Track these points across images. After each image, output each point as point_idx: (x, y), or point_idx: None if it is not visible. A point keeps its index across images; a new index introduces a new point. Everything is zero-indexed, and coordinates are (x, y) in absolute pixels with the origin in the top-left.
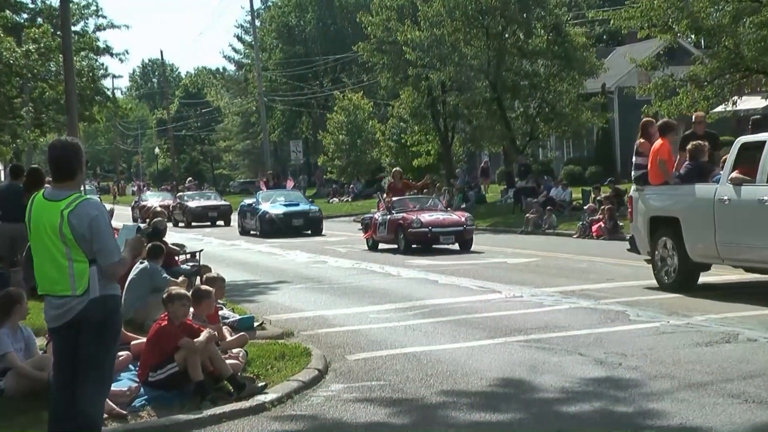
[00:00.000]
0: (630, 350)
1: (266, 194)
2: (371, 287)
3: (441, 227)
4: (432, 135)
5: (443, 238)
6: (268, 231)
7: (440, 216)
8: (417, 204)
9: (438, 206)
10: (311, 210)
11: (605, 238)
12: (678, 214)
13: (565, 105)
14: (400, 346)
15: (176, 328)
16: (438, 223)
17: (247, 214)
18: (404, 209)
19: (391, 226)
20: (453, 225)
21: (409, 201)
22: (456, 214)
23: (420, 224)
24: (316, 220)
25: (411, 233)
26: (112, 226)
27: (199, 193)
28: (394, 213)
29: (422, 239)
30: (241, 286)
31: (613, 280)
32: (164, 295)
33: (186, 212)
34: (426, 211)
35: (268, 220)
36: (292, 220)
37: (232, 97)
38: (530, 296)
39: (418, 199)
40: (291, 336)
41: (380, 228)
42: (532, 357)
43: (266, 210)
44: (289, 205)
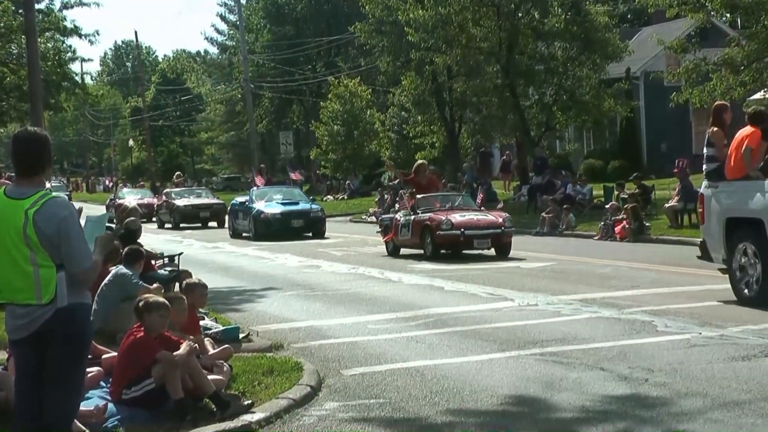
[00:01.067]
0: (657, 365)
1: (261, 191)
2: (370, 294)
3: (475, 229)
4: (437, 126)
5: (478, 242)
6: (263, 233)
7: (474, 216)
8: (446, 202)
9: (470, 205)
10: (312, 209)
11: (630, 240)
12: (762, 214)
13: (585, 92)
14: (401, 360)
15: (153, 340)
16: (472, 224)
17: (239, 213)
18: (431, 208)
19: (416, 228)
20: (489, 227)
21: (436, 199)
22: (492, 214)
23: (450, 226)
24: (318, 221)
25: (440, 236)
26: (82, 227)
27: (189, 190)
28: (419, 213)
29: (453, 243)
30: (225, 294)
31: (639, 287)
32: (140, 304)
33: (174, 212)
34: (457, 211)
35: (263, 220)
36: (290, 221)
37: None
38: (546, 305)
39: (447, 196)
40: (280, 349)
41: (402, 230)
42: (549, 372)
43: (261, 209)
44: (287, 204)
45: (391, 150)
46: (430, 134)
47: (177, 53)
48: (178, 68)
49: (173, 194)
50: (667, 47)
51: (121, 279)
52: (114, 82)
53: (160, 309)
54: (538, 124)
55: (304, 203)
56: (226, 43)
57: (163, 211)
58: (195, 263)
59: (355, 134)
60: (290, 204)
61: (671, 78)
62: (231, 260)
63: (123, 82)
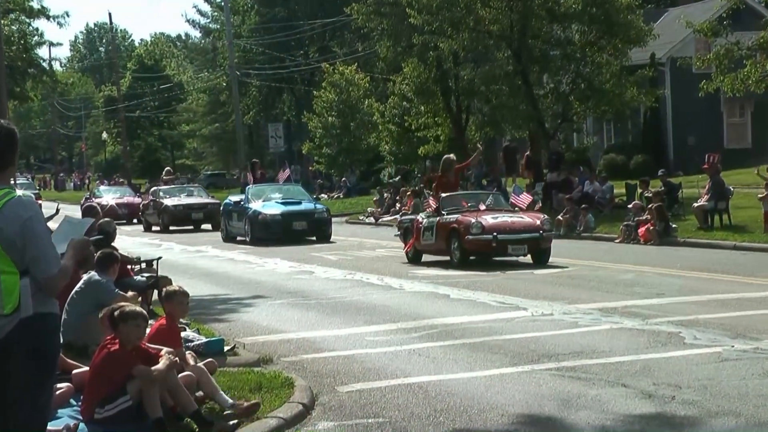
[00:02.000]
0: (685, 381)
1: (258, 189)
2: (368, 303)
3: (510, 233)
4: (442, 117)
5: (513, 248)
6: (261, 237)
7: (508, 218)
8: (474, 201)
9: (502, 205)
10: (316, 210)
11: (654, 244)
12: None
13: (605, 80)
14: (402, 375)
15: (129, 354)
16: (506, 227)
17: (232, 215)
18: (458, 209)
19: (442, 232)
20: (526, 230)
21: (463, 198)
22: (528, 215)
23: (481, 229)
24: (323, 223)
25: (469, 241)
26: (49, 229)
27: (179, 188)
28: (445, 214)
29: (484, 249)
30: (209, 302)
31: (665, 295)
32: (114, 313)
33: (162, 213)
34: (488, 212)
35: (261, 222)
36: (292, 223)
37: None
38: (562, 314)
39: (476, 195)
40: (269, 363)
41: (426, 234)
42: (565, 389)
43: (258, 210)
44: (287, 204)
45: (391, 143)
46: (434, 126)
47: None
48: (156, 54)
49: (161, 193)
50: (696, 30)
51: (93, 286)
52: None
53: (136, 319)
54: (554, 115)
55: (307, 203)
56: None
57: (150, 211)
58: (175, 268)
59: (352, 126)
60: (291, 204)
61: (700, 64)
62: (215, 265)
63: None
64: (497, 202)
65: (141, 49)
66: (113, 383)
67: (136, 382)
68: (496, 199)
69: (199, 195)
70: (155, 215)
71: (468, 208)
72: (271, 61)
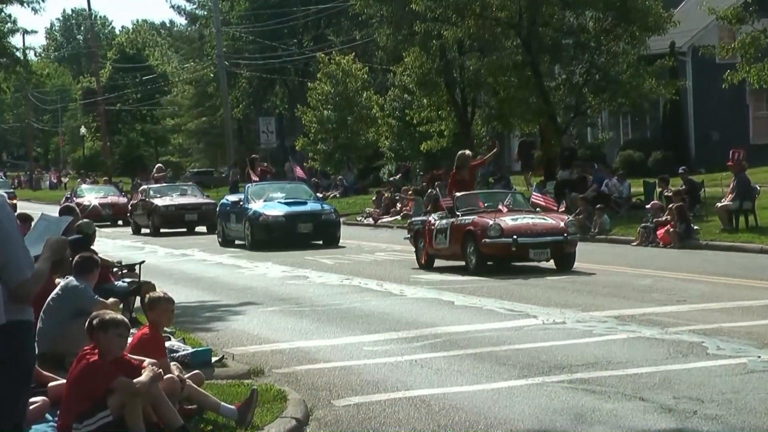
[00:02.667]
0: (708, 394)
1: (258, 188)
2: (366, 310)
3: (531, 236)
4: (446, 110)
5: (534, 253)
6: (262, 240)
7: (529, 219)
8: (492, 201)
9: (522, 205)
10: (323, 210)
11: (675, 246)
12: None
13: (621, 70)
14: (403, 388)
15: (109, 365)
16: (527, 229)
17: (230, 216)
18: (474, 209)
19: (456, 235)
20: (548, 233)
21: (479, 197)
22: (551, 216)
23: (500, 231)
24: (331, 225)
25: (486, 245)
26: (19, 232)
27: (171, 187)
28: (460, 216)
29: (503, 253)
30: (195, 309)
31: (686, 302)
32: (93, 322)
33: (152, 213)
34: (507, 213)
35: (262, 225)
36: (296, 225)
37: (183, 60)
38: (575, 322)
39: (493, 194)
40: (260, 375)
41: (438, 237)
42: (579, 403)
43: (259, 211)
44: (291, 204)
45: (392, 139)
46: (437, 120)
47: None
48: (138, 42)
49: (152, 191)
50: (719, 17)
51: (71, 292)
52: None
53: (118, 327)
54: (566, 108)
55: (313, 203)
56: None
57: (140, 212)
58: (159, 273)
59: (349, 121)
60: (295, 204)
61: (724, 54)
62: (202, 270)
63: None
64: (516, 202)
65: (122, 38)
66: (92, 397)
67: (117, 395)
68: (515, 198)
69: (193, 194)
70: (144, 216)
71: (485, 208)
72: (262, 50)
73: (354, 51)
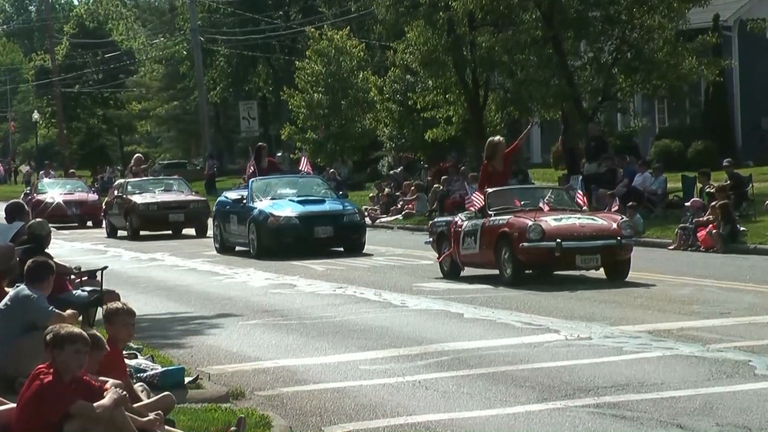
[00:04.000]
0: (756, 421)
1: (264, 183)
2: (362, 324)
3: (579, 239)
4: (454, 94)
5: (582, 259)
6: (270, 247)
7: (575, 220)
8: (530, 198)
9: (566, 204)
10: (345, 211)
11: (718, 251)
12: None
13: (657, 48)
14: (405, 413)
15: (66, 387)
16: (573, 231)
17: (230, 217)
18: (508, 208)
19: (488, 238)
20: (598, 236)
21: (513, 194)
22: (601, 216)
23: (541, 234)
24: (355, 228)
25: (525, 250)
26: None
27: (154, 181)
28: (492, 215)
29: (544, 260)
30: (165, 322)
31: (730, 315)
32: (47, 337)
33: (131, 213)
34: (549, 213)
35: (271, 228)
36: (313, 229)
37: (151, 35)
38: (603, 338)
39: (531, 190)
40: (241, 398)
41: (466, 241)
42: (607, 430)
43: (267, 211)
44: (306, 203)
45: (392, 127)
46: (444, 105)
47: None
48: (100, 14)
49: (129, 186)
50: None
51: (22, 303)
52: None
53: (75, 343)
54: (593, 91)
55: (333, 201)
56: None
57: (115, 211)
58: (124, 281)
59: (343, 105)
60: (311, 203)
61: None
62: (174, 277)
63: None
64: (559, 199)
65: (81, 9)
66: (47, 423)
67: (75, 421)
68: (557, 195)
69: (180, 190)
70: (121, 216)
71: (521, 207)
72: (242, 23)
73: (349, 25)
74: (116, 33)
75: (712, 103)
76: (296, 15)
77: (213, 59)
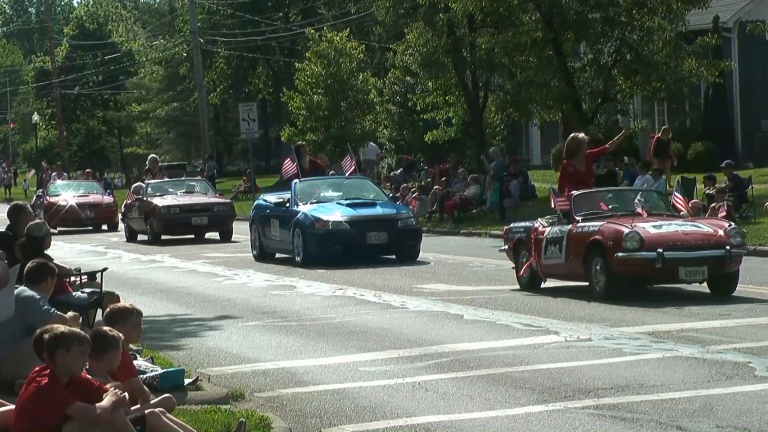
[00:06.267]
0: (756, 423)
1: (308, 185)
2: (362, 325)
3: (682, 249)
4: (454, 95)
5: (687, 271)
6: (319, 254)
7: (677, 227)
8: (618, 202)
9: (662, 208)
10: (400, 215)
11: None
12: None
13: (656, 49)
14: (405, 415)
15: (63, 389)
16: (676, 240)
17: (271, 222)
18: (597, 213)
19: (576, 247)
20: (704, 245)
21: (599, 197)
22: (705, 223)
23: (639, 243)
24: (410, 235)
25: (621, 260)
26: None
27: (174, 182)
28: (580, 221)
29: (643, 272)
30: (165, 324)
31: (730, 316)
32: (46, 337)
33: (151, 216)
34: (647, 218)
35: (319, 234)
36: (365, 235)
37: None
38: (603, 339)
39: (620, 193)
40: (240, 399)
41: (550, 249)
42: (606, 431)
43: (313, 215)
44: (356, 206)
45: (392, 128)
46: (444, 107)
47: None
48: (100, 16)
49: (150, 188)
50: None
51: (24, 305)
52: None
53: (77, 344)
54: (593, 93)
55: (384, 205)
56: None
57: (134, 214)
58: (124, 283)
59: (343, 107)
60: (361, 206)
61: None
62: (173, 279)
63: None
64: (654, 204)
65: (81, 10)
66: (44, 426)
67: (73, 424)
68: (650, 198)
69: (203, 192)
70: (141, 220)
71: (609, 211)
72: (242, 25)
73: (348, 26)
74: (116, 35)
75: (712, 105)
76: (296, 17)
77: (213, 61)
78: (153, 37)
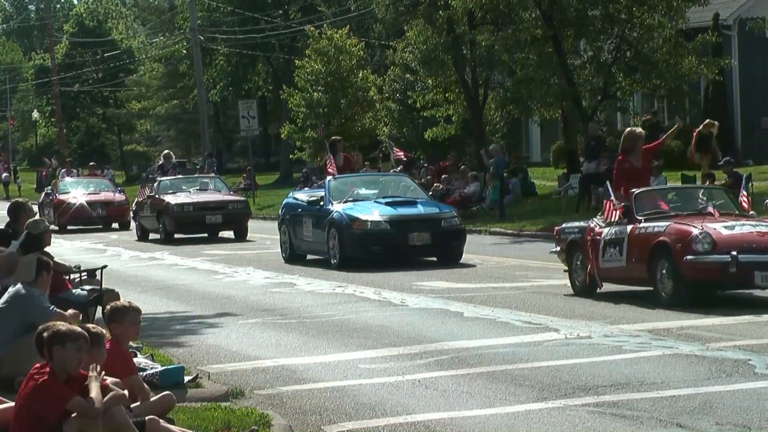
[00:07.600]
0: (756, 420)
1: (343, 182)
2: (362, 323)
3: (758, 252)
4: (454, 93)
5: (763, 277)
6: (357, 256)
7: (751, 227)
8: (681, 200)
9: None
10: (443, 214)
11: None
12: None
13: (656, 47)
14: (404, 412)
15: (63, 385)
16: (752, 242)
17: (303, 221)
18: (659, 212)
19: (639, 249)
20: None
21: (660, 195)
22: None
23: (710, 245)
24: (453, 236)
25: (690, 264)
26: None
27: (186, 179)
28: (642, 221)
29: (716, 276)
30: (165, 321)
31: (730, 314)
32: (45, 335)
33: (165, 214)
34: (715, 218)
35: (357, 234)
36: (407, 236)
37: (151, 34)
38: (603, 337)
39: (683, 191)
40: (240, 397)
41: (608, 251)
42: (606, 429)
43: (350, 214)
44: (396, 205)
45: (392, 126)
46: (444, 104)
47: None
48: (100, 13)
49: (162, 185)
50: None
51: (22, 302)
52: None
53: (78, 340)
54: (593, 90)
55: (426, 204)
56: None
57: (146, 212)
58: (124, 280)
59: (343, 104)
60: (401, 205)
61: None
62: (173, 276)
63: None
64: (720, 202)
65: (81, 8)
66: (45, 423)
67: (73, 420)
68: (716, 195)
69: (217, 189)
70: (153, 218)
71: (674, 211)
72: (242, 22)
73: (348, 24)
74: (116, 32)
75: (711, 103)
76: (296, 14)
77: (212, 58)
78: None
